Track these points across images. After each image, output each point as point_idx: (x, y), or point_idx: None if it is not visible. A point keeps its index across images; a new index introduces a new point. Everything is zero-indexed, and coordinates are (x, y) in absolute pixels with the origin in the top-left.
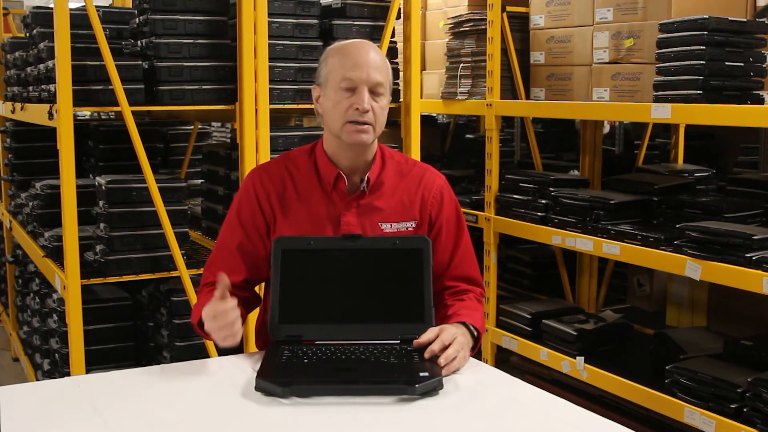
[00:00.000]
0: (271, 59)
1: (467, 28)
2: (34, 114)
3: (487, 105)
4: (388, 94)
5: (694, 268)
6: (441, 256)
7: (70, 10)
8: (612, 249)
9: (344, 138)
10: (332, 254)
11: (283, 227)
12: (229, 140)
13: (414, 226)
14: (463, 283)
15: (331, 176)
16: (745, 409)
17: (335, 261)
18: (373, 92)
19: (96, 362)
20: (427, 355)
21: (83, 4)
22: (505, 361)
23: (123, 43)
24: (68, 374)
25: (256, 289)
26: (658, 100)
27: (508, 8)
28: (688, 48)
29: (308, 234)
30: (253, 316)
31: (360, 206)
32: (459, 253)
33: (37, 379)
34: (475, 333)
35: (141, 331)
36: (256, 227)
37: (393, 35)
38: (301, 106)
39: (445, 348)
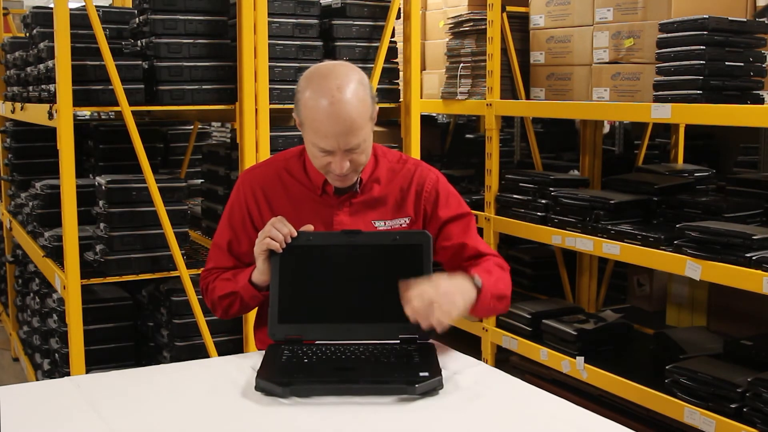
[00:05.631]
0: (271, 59)
1: (467, 28)
2: (34, 114)
3: (487, 105)
4: (370, 128)
5: (694, 268)
6: (455, 247)
7: (70, 10)
8: (612, 249)
9: (330, 181)
10: (331, 250)
11: None
12: (229, 140)
13: (408, 222)
14: (477, 258)
15: (319, 180)
16: (745, 409)
17: (334, 257)
18: (351, 149)
19: (96, 362)
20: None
21: (83, 4)
22: (505, 361)
23: (123, 43)
24: (68, 374)
25: None
26: (658, 100)
27: (508, 8)
28: (688, 48)
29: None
30: (252, 315)
31: (353, 205)
32: (470, 238)
33: (37, 379)
34: (479, 284)
35: (141, 331)
36: (245, 230)
37: (393, 35)
38: None
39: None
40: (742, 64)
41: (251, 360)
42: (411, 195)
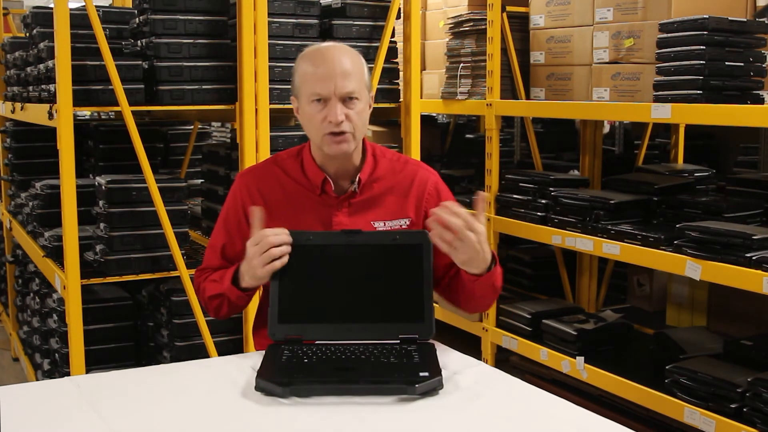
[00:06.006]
0: (271, 59)
1: (467, 28)
2: (34, 114)
3: (487, 105)
4: (365, 95)
5: (694, 268)
6: None
7: (70, 10)
8: (612, 249)
9: (326, 150)
10: (331, 250)
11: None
12: (229, 140)
13: (408, 223)
14: None
15: (318, 180)
16: (745, 409)
17: (334, 257)
18: (346, 100)
19: (96, 362)
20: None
21: (83, 4)
22: (505, 361)
23: (123, 43)
24: (68, 374)
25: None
26: (658, 100)
27: (508, 8)
28: (688, 48)
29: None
30: (252, 316)
31: (352, 205)
32: None
33: (37, 379)
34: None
35: (141, 331)
36: (241, 232)
37: (393, 35)
38: None
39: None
40: (742, 64)
41: (251, 360)
42: (412, 197)
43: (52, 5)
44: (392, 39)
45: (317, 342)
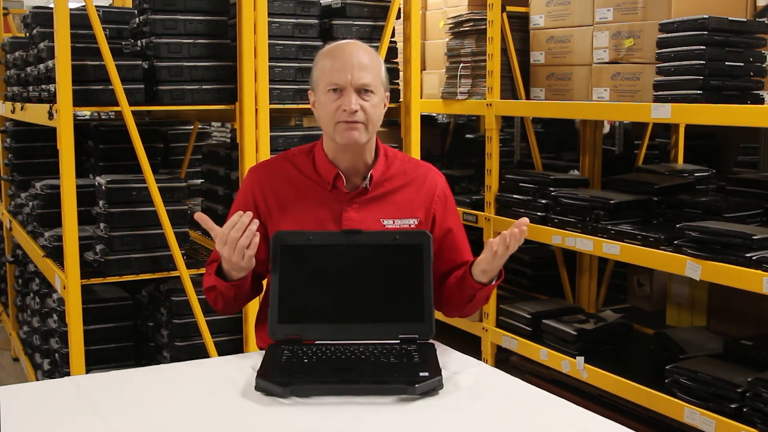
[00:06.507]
0: (271, 59)
1: (467, 28)
2: (34, 114)
3: (487, 105)
4: (381, 91)
5: (694, 268)
6: (453, 255)
7: (70, 10)
8: (612, 249)
9: (337, 138)
10: (332, 250)
11: (283, 225)
12: (229, 140)
13: (416, 223)
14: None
15: (330, 176)
16: (745, 409)
17: (335, 257)
18: (361, 92)
19: (96, 362)
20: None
21: (83, 4)
22: (505, 361)
23: (123, 43)
24: (68, 374)
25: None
26: (658, 100)
27: (508, 8)
28: (688, 48)
29: (309, 230)
30: (252, 314)
31: (362, 202)
32: (466, 246)
33: (37, 379)
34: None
35: (141, 331)
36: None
37: (393, 35)
38: (301, 106)
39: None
40: (742, 64)
41: (251, 360)
42: (422, 197)
43: (52, 5)
44: (392, 39)
45: (317, 342)
